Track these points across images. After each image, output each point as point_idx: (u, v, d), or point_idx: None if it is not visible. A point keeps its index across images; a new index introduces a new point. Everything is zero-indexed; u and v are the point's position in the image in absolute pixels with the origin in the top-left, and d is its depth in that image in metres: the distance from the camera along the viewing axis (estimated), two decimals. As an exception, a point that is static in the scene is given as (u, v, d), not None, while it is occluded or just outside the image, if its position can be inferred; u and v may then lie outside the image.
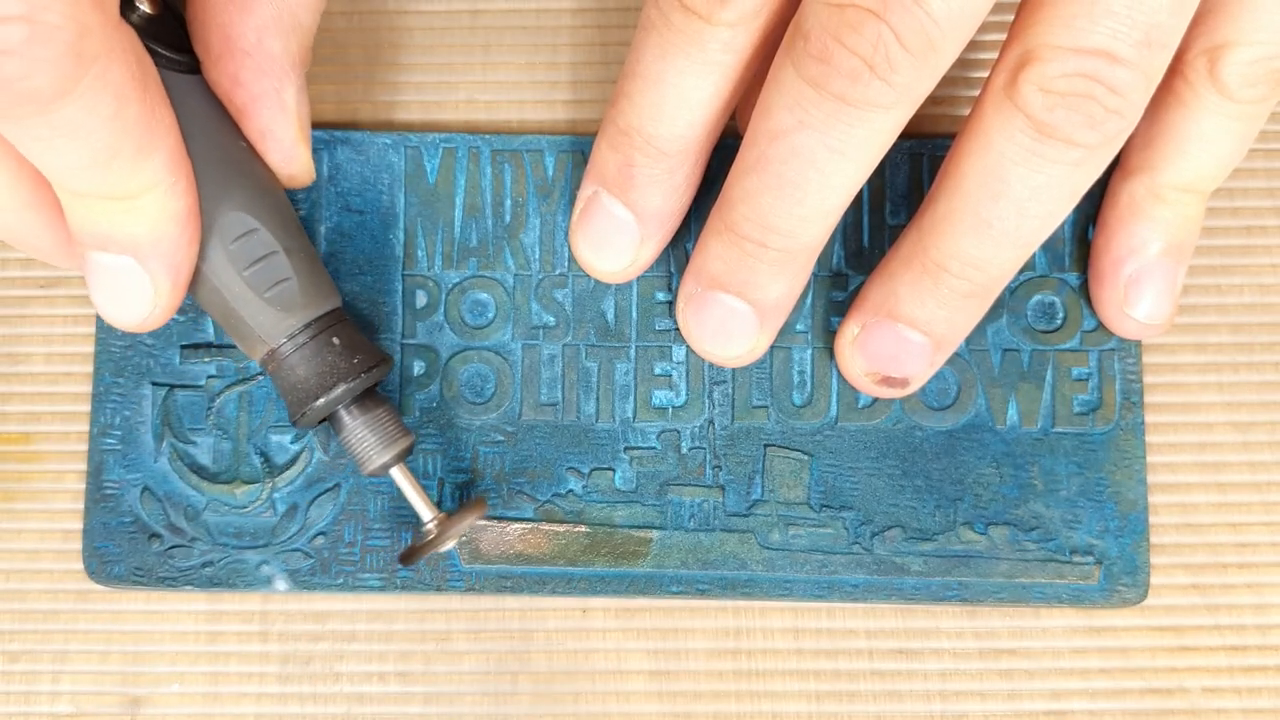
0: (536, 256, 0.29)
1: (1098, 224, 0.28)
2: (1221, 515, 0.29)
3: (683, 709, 0.28)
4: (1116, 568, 0.28)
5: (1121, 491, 0.28)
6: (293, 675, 0.28)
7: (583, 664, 0.28)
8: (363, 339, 0.26)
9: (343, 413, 0.26)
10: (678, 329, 0.28)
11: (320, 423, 0.26)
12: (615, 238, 0.27)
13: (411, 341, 0.29)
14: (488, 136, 0.29)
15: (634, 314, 0.29)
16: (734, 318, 0.27)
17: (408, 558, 0.26)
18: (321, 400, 0.25)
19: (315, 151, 0.29)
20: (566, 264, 0.29)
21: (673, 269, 0.29)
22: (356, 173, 0.29)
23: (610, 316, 0.29)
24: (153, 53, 0.23)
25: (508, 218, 0.29)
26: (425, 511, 0.26)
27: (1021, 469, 0.28)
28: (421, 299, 0.29)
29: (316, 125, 0.29)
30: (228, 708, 0.28)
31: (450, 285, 0.29)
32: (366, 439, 0.26)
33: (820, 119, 0.23)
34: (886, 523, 0.28)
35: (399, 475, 0.26)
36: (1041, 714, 0.28)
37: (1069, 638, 0.28)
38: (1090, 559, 0.28)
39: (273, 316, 0.25)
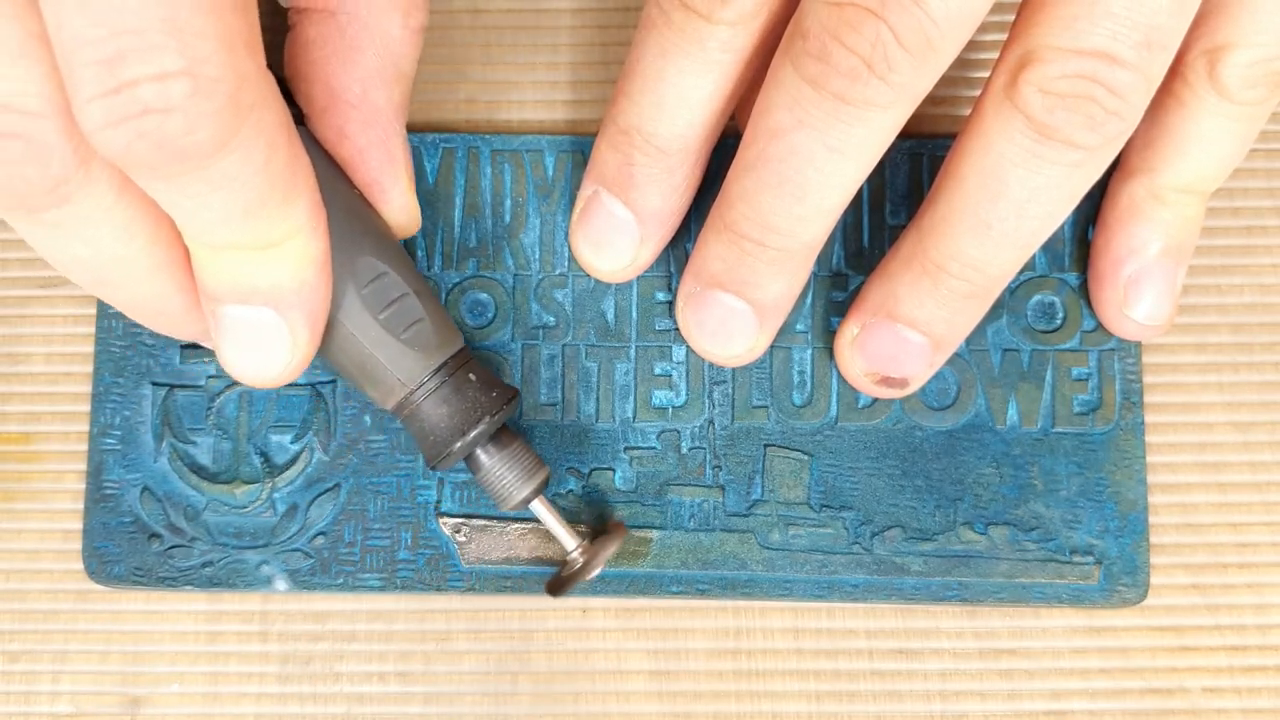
0: (536, 256, 0.29)
1: (1097, 225, 0.28)
2: (1222, 515, 0.29)
3: (683, 709, 0.28)
4: (1116, 568, 0.28)
5: (1121, 491, 0.28)
6: (293, 675, 0.28)
7: (583, 664, 0.28)
8: (493, 375, 0.26)
9: (480, 452, 0.25)
10: (678, 329, 0.28)
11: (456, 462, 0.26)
12: (615, 237, 0.27)
13: (411, 341, 0.29)
14: (488, 136, 0.29)
15: (634, 314, 0.29)
16: (733, 317, 0.27)
17: (557, 588, 0.26)
18: (463, 440, 0.25)
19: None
20: (566, 264, 0.29)
21: (673, 269, 0.29)
22: (356, 173, 0.29)
23: (610, 316, 0.29)
24: None
25: (507, 218, 0.29)
26: (570, 541, 0.26)
27: (1021, 469, 0.28)
28: (421, 299, 0.29)
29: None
30: (228, 708, 0.28)
31: (450, 285, 0.29)
32: (505, 475, 0.26)
33: (819, 118, 0.23)
34: (886, 523, 0.28)
35: (539, 508, 0.26)
36: (1041, 714, 0.28)
37: (1069, 638, 0.28)
38: (1090, 559, 0.28)
39: (411, 358, 0.24)
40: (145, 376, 0.28)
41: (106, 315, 0.29)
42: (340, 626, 0.28)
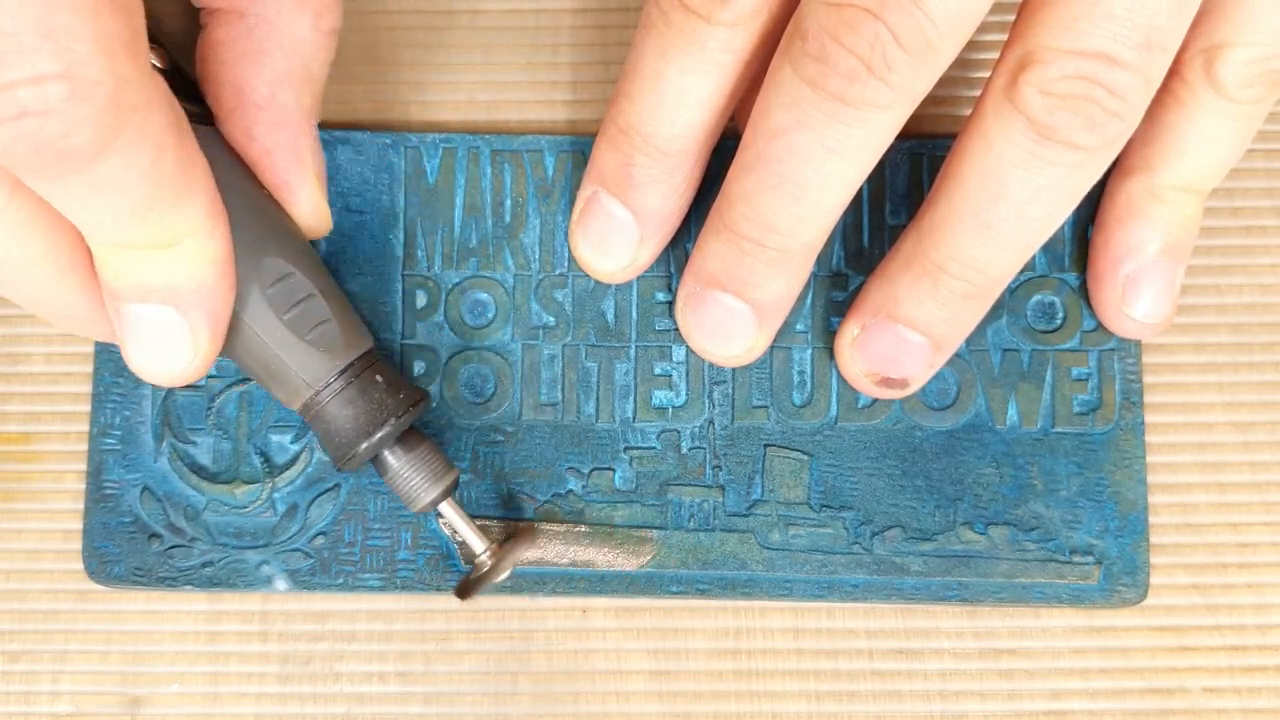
0: (536, 256, 0.29)
1: (1096, 223, 0.28)
2: (1221, 515, 0.29)
3: (683, 709, 0.28)
4: (1116, 568, 0.28)
5: (1121, 491, 0.28)
6: (293, 675, 0.28)
7: (583, 664, 0.28)
8: (400, 377, 0.26)
9: (387, 454, 0.25)
10: (677, 329, 0.28)
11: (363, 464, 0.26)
12: (614, 237, 0.27)
13: (411, 341, 0.29)
14: (488, 136, 0.29)
15: (634, 314, 0.29)
16: (732, 317, 0.27)
17: (464, 591, 0.26)
18: (369, 441, 0.25)
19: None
20: (566, 264, 0.29)
21: (673, 269, 0.29)
22: (356, 173, 0.29)
23: (610, 316, 0.29)
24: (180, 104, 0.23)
25: (508, 218, 0.29)
26: (478, 544, 0.26)
27: (1021, 469, 0.28)
28: (421, 299, 0.29)
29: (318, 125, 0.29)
30: (227, 708, 0.28)
31: (450, 285, 0.29)
32: (412, 478, 0.25)
33: (818, 118, 0.23)
34: (886, 523, 0.28)
35: (448, 510, 0.26)
36: (1041, 714, 0.28)
37: (1069, 638, 0.28)
38: (1090, 559, 0.28)
39: (316, 359, 0.24)
40: (145, 376, 0.28)
41: (106, 315, 0.29)
42: (340, 626, 0.28)
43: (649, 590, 0.28)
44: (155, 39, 0.24)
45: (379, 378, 0.25)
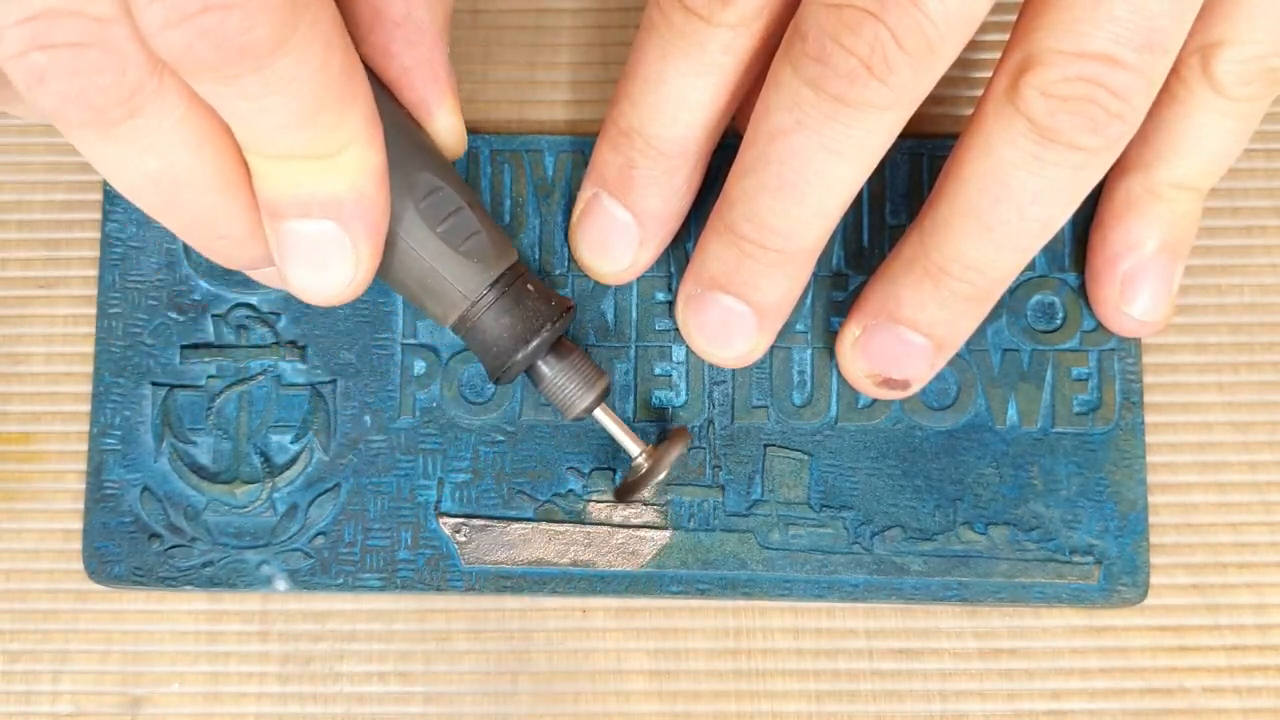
0: (536, 256, 0.29)
1: (1094, 221, 0.28)
2: (1221, 515, 0.29)
3: (683, 709, 0.28)
4: (1116, 567, 0.28)
5: (1121, 491, 0.28)
6: (293, 675, 0.28)
7: (583, 664, 0.28)
8: (548, 286, 0.26)
9: (540, 363, 0.26)
10: (677, 329, 0.28)
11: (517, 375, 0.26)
12: (615, 239, 0.27)
13: (412, 341, 0.29)
14: (487, 136, 0.29)
15: (634, 314, 0.29)
16: (733, 319, 0.27)
17: (624, 493, 0.27)
18: (525, 350, 0.25)
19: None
20: (566, 264, 0.29)
21: (673, 269, 0.29)
22: (356, 173, 0.29)
23: (610, 316, 0.29)
24: None
25: (507, 218, 0.29)
26: (634, 446, 0.27)
27: (1021, 469, 0.28)
28: (421, 299, 0.29)
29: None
30: (228, 708, 0.28)
31: (450, 285, 0.29)
32: (566, 385, 0.26)
33: (818, 119, 0.23)
34: (886, 522, 0.28)
35: (602, 415, 0.26)
36: (1042, 714, 0.28)
37: (1069, 638, 0.28)
38: (1090, 559, 0.28)
39: (471, 270, 0.24)
40: (145, 376, 0.28)
41: (107, 315, 0.29)
42: (340, 626, 0.28)
43: (649, 590, 0.28)
44: None
45: (530, 286, 0.25)
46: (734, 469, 0.28)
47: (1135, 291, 0.28)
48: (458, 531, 0.28)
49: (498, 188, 0.29)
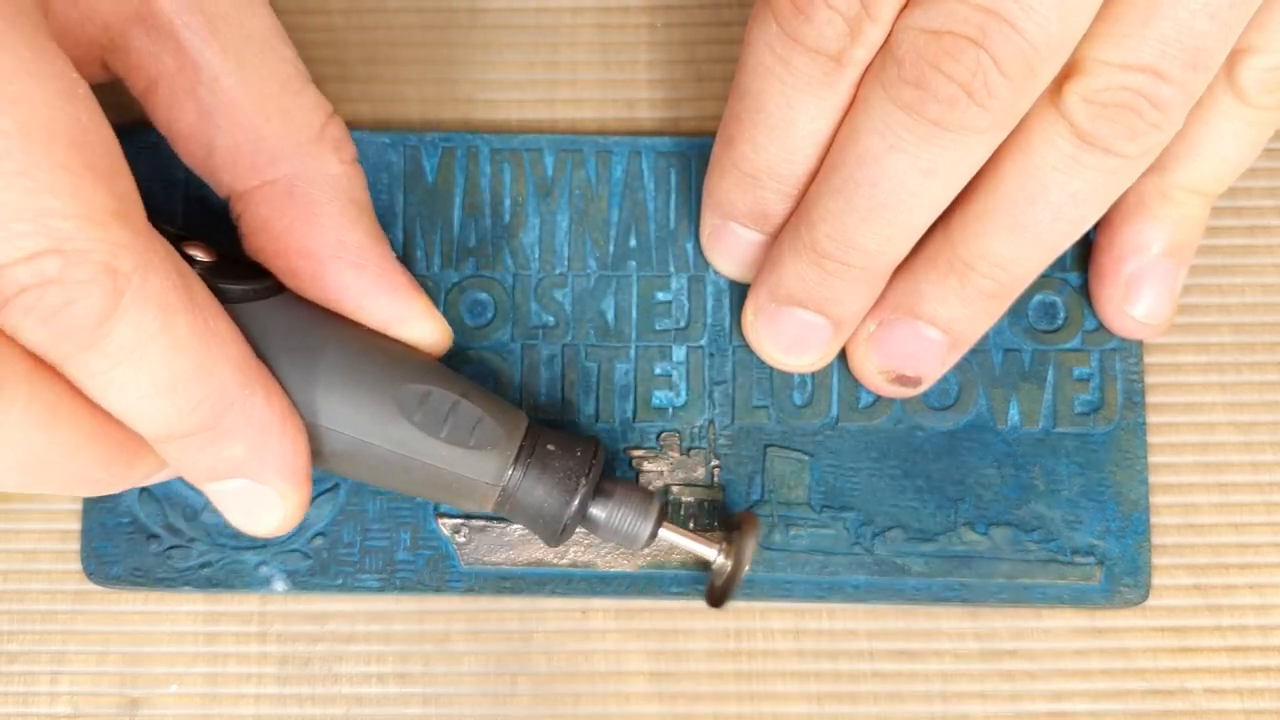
0: (536, 256, 0.29)
1: (1101, 220, 0.28)
2: (1223, 515, 0.29)
3: (683, 710, 0.28)
4: (1118, 568, 0.28)
5: (1123, 492, 0.28)
6: (291, 676, 0.28)
7: (582, 665, 0.28)
8: (567, 435, 0.25)
9: (591, 510, 0.25)
10: (682, 329, 0.28)
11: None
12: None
13: (411, 341, 0.29)
14: (487, 136, 0.29)
15: (634, 314, 0.29)
16: (810, 331, 0.27)
17: (718, 599, 0.26)
18: (569, 510, 0.24)
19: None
20: (566, 263, 0.29)
21: (672, 269, 0.29)
22: (356, 172, 0.29)
23: (610, 316, 0.29)
24: (231, 288, 0.23)
25: (507, 217, 0.29)
26: (709, 551, 0.26)
27: (1023, 469, 0.28)
28: (421, 299, 0.29)
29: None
30: (226, 709, 0.28)
31: (449, 285, 0.29)
32: (624, 523, 0.25)
33: (913, 142, 0.23)
34: (887, 523, 0.28)
35: (667, 534, 0.26)
36: (1043, 715, 0.28)
37: (1071, 638, 0.28)
38: (1092, 559, 0.28)
39: (489, 459, 0.24)
40: (144, 376, 0.28)
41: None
42: (339, 627, 0.28)
43: (649, 590, 0.28)
44: (192, 236, 0.24)
45: (550, 446, 0.25)
46: (734, 469, 0.28)
47: (1139, 293, 0.28)
48: (457, 532, 0.28)
49: (497, 188, 0.29)
